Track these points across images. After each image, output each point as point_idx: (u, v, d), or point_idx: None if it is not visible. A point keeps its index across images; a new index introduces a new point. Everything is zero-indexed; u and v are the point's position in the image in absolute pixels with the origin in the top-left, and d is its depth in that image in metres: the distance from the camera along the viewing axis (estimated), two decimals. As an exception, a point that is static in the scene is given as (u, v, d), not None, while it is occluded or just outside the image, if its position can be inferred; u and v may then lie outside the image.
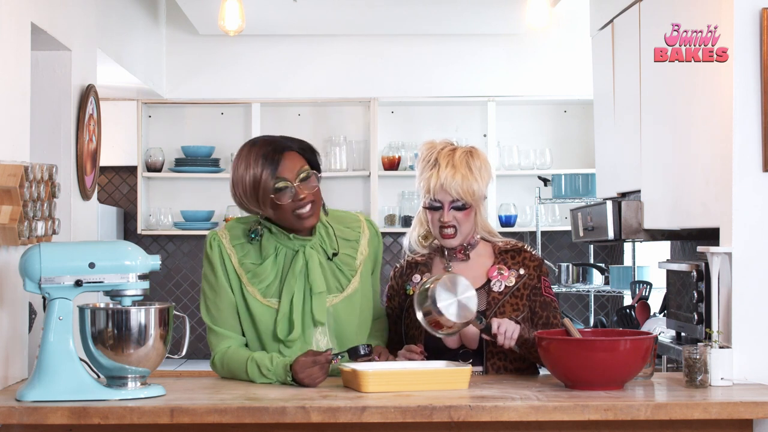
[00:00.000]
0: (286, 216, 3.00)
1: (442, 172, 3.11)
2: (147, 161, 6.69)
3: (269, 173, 2.94)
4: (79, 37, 4.16)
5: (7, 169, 3.00)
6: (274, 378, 3.01)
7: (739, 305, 3.18)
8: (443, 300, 2.96)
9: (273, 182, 2.94)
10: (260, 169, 2.94)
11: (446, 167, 3.11)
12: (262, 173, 2.94)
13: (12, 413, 2.67)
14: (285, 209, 2.98)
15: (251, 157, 2.98)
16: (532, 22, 5.54)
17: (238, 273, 3.10)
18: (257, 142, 3.04)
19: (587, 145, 6.60)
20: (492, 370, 3.16)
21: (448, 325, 2.98)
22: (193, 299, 6.85)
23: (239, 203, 3.05)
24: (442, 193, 3.12)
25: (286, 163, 2.97)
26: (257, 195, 2.96)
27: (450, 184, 3.10)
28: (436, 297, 2.96)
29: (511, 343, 3.02)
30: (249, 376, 3.05)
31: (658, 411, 2.71)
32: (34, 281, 2.80)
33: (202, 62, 6.75)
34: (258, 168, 2.95)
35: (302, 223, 3.01)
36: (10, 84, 3.24)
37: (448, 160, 3.13)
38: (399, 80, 6.76)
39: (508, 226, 6.66)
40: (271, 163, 2.95)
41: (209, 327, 3.17)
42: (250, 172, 2.95)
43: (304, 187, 2.98)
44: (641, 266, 5.95)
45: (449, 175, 3.10)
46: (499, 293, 3.16)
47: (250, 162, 2.98)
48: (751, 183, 3.19)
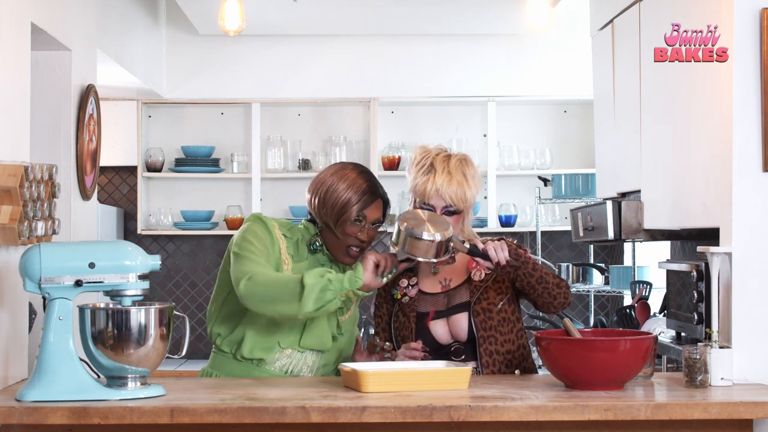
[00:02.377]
0: (340, 244, 3.23)
1: (438, 178, 3.15)
2: (147, 161, 6.69)
3: (359, 207, 3.19)
4: (79, 37, 4.16)
5: (7, 169, 3.00)
6: (333, 276, 3.01)
7: (739, 305, 3.18)
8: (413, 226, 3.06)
9: (356, 215, 3.18)
10: (356, 199, 3.20)
11: (442, 173, 3.16)
12: (355, 204, 3.19)
13: (12, 413, 2.67)
14: (345, 239, 3.21)
15: (355, 185, 3.22)
16: (532, 22, 5.53)
17: (282, 257, 3.21)
18: (365, 173, 3.28)
19: (587, 145, 6.60)
20: (486, 355, 3.18)
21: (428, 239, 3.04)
22: (193, 299, 6.85)
23: (316, 205, 3.24)
24: (437, 199, 3.16)
25: (374, 207, 3.23)
26: (339, 214, 3.19)
27: (445, 191, 3.15)
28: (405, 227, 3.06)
29: (506, 255, 3.06)
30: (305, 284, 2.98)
31: (658, 411, 2.71)
32: (34, 281, 2.80)
33: (202, 62, 6.75)
34: (355, 197, 3.20)
35: (345, 258, 3.24)
36: (10, 84, 3.24)
37: (443, 166, 3.18)
38: (399, 80, 6.76)
39: (508, 226, 6.65)
40: (365, 202, 3.21)
41: (239, 256, 3.13)
42: (348, 195, 3.19)
43: (370, 233, 3.23)
44: (641, 266, 5.95)
45: (445, 182, 3.15)
46: (480, 281, 3.23)
47: (351, 187, 3.21)
48: (751, 183, 3.19)
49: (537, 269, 3.13)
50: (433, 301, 3.24)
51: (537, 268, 3.13)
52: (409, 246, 3.07)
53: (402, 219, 3.09)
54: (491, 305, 3.20)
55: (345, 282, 3.01)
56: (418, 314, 3.23)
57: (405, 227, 3.06)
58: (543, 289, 3.14)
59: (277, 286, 3.04)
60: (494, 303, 3.20)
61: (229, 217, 6.69)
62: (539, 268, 3.13)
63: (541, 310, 3.21)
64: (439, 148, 3.26)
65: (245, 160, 6.75)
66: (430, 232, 3.05)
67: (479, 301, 3.20)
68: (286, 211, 6.73)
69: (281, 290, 3.03)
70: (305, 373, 3.24)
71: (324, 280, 2.99)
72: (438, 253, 3.07)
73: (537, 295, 3.15)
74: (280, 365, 3.22)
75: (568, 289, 3.19)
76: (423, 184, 3.17)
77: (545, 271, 3.14)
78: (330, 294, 2.99)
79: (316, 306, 2.98)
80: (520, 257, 3.10)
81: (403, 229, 3.07)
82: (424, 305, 3.24)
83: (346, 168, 3.27)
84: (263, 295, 3.04)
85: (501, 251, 3.07)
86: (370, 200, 3.21)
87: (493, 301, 3.21)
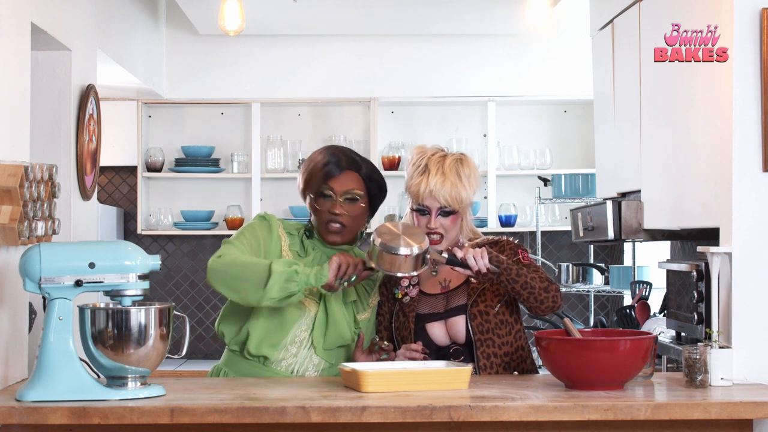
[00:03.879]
0: (320, 222, 3.23)
1: (432, 179, 3.15)
2: (147, 161, 6.69)
3: (322, 177, 3.17)
4: (79, 37, 4.16)
5: (7, 169, 3.00)
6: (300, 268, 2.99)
7: (739, 305, 3.18)
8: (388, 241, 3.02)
9: (320, 185, 3.17)
10: (319, 168, 3.20)
11: (436, 174, 3.15)
12: (320, 170, 3.19)
13: (12, 413, 2.67)
14: (320, 216, 3.20)
15: (327, 153, 3.24)
16: (532, 22, 5.53)
17: (283, 254, 3.23)
18: (342, 149, 3.29)
19: (587, 145, 6.60)
20: (483, 358, 3.17)
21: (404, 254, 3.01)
22: (193, 299, 6.85)
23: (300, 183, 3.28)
24: (431, 200, 3.16)
25: (342, 178, 3.21)
26: (306, 185, 3.24)
27: (439, 192, 3.14)
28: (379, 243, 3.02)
29: (486, 263, 3.04)
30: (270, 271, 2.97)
31: (658, 411, 2.71)
32: (34, 281, 2.80)
33: (202, 62, 6.75)
34: (319, 166, 3.20)
35: (328, 235, 3.23)
36: (10, 84, 3.24)
37: (438, 167, 3.17)
38: (399, 80, 6.76)
39: (508, 226, 6.66)
40: (328, 171, 3.20)
41: (225, 242, 3.18)
42: (313, 165, 3.22)
43: (345, 207, 3.19)
44: (641, 266, 5.94)
45: (438, 182, 3.14)
46: (478, 283, 3.21)
47: (323, 153, 3.24)
48: (751, 183, 3.19)
49: (521, 275, 3.08)
50: (432, 303, 3.24)
51: (521, 274, 3.08)
52: (385, 261, 3.03)
53: (377, 233, 3.05)
54: (488, 308, 3.19)
55: (311, 277, 3.01)
56: (417, 315, 3.23)
57: (380, 243, 3.03)
58: (528, 294, 3.09)
59: (245, 268, 3.04)
60: (491, 306, 3.19)
61: (229, 217, 6.69)
62: (524, 274, 3.08)
63: (529, 312, 3.20)
64: (436, 148, 3.25)
65: (245, 160, 6.75)
66: (407, 246, 3.02)
67: (476, 304, 3.19)
68: (286, 211, 6.73)
69: (248, 273, 3.03)
70: (311, 373, 3.23)
71: (291, 270, 2.99)
72: (416, 266, 3.06)
73: (523, 300, 3.12)
74: (285, 365, 3.22)
75: (558, 293, 3.13)
76: (417, 185, 3.17)
77: (532, 276, 3.09)
78: (294, 286, 2.99)
79: (280, 295, 2.99)
80: (501, 264, 3.06)
81: (378, 245, 3.03)
82: (424, 306, 3.23)
83: (327, 146, 3.32)
84: (229, 275, 3.06)
85: (480, 259, 3.04)
86: (336, 170, 3.20)
87: (491, 304, 3.19)
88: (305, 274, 3.00)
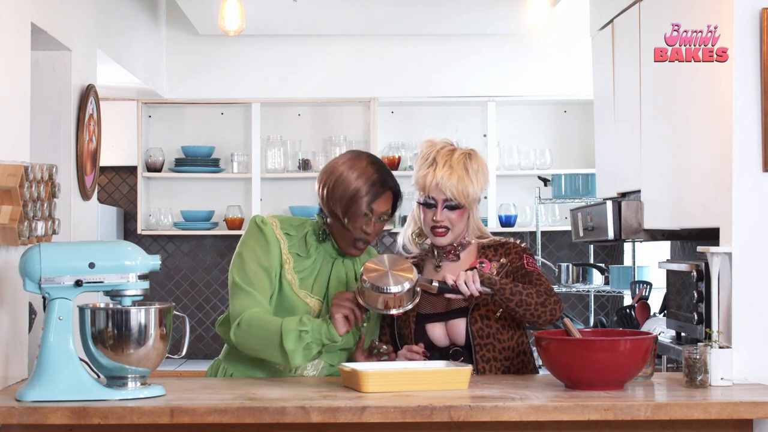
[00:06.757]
0: (346, 235, 3.17)
1: (439, 171, 3.14)
2: (147, 161, 6.69)
3: (368, 200, 3.12)
4: (79, 37, 4.16)
5: (7, 169, 3.00)
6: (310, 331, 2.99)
7: (739, 305, 3.18)
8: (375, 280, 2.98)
9: (365, 207, 3.12)
10: (365, 191, 3.12)
11: (443, 167, 3.15)
12: (365, 196, 3.12)
13: (12, 413, 2.67)
14: (351, 231, 3.15)
15: (365, 174, 3.14)
16: (532, 22, 5.53)
17: (283, 257, 3.18)
18: (376, 162, 3.21)
19: (587, 145, 6.60)
20: (482, 362, 3.17)
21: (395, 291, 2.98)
22: (193, 299, 6.85)
23: (325, 195, 3.18)
24: (437, 192, 3.15)
25: (382, 200, 3.15)
26: (348, 206, 3.13)
27: (445, 184, 3.13)
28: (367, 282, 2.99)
29: (478, 287, 3.03)
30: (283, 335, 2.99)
31: (658, 411, 2.71)
32: (34, 281, 2.80)
33: (202, 62, 6.75)
34: (365, 188, 3.12)
35: (351, 250, 3.20)
36: (10, 84, 3.24)
37: (446, 159, 3.16)
38: (399, 80, 6.76)
39: (508, 226, 6.66)
40: (375, 193, 3.13)
41: (239, 287, 3.13)
42: (357, 185, 3.12)
43: (377, 226, 3.17)
44: (641, 266, 5.95)
45: (445, 175, 3.14)
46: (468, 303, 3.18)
47: (361, 176, 3.14)
48: (750, 183, 3.19)
49: (515, 293, 3.06)
50: (433, 302, 3.23)
51: (515, 292, 3.06)
52: (377, 300, 3.00)
53: (365, 271, 3.01)
54: (490, 312, 3.17)
55: (323, 337, 3.01)
56: (418, 315, 3.22)
57: (369, 284, 2.99)
58: (524, 311, 3.08)
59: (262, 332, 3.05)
60: (493, 310, 3.17)
61: (229, 217, 6.69)
62: (518, 291, 3.06)
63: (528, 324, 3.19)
64: (445, 142, 3.25)
65: (245, 160, 6.75)
66: (396, 284, 2.99)
67: (477, 308, 3.17)
68: (286, 211, 6.73)
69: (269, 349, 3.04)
70: (310, 373, 3.22)
71: (303, 343, 3.00)
72: (409, 300, 3.04)
73: (519, 316, 3.11)
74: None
75: (557, 305, 3.10)
76: (424, 177, 3.16)
77: (528, 292, 3.07)
78: (315, 347, 3.02)
79: (304, 360, 3.03)
80: (494, 285, 3.05)
81: (368, 286, 2.99)
82: (425, 306, 3.23)
83: (357, 159, 3.19)
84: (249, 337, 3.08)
85: (472, 283, 3.02)
86: (380, 192, 3.14)
87: (493, 308, 3.16)
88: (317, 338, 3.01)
